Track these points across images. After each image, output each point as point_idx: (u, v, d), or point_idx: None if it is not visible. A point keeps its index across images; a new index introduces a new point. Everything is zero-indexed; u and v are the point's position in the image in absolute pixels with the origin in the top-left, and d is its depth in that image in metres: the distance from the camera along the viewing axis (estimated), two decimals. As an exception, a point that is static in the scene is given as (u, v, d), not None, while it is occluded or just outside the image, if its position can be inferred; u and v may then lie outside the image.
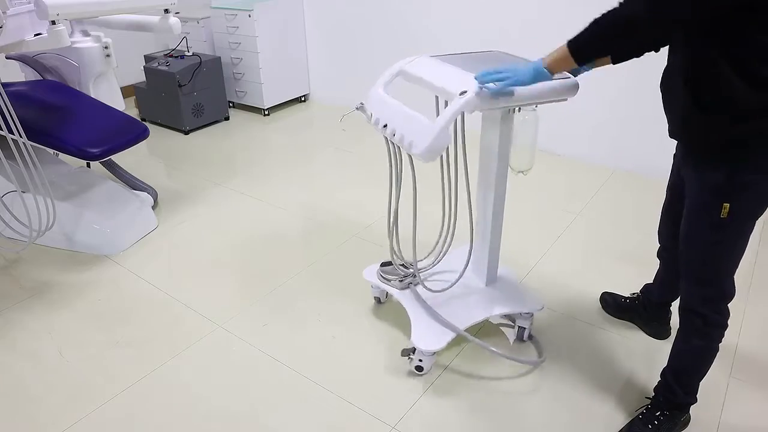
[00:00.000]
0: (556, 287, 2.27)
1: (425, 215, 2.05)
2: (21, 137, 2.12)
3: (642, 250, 2.46)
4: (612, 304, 2.11)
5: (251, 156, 3.63)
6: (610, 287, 2.19)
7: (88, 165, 3.04)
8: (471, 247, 1.93)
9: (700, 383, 1.59)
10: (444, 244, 1.97)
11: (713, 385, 1.77)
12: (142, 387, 1.83)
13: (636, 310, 2.04)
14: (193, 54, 4.05)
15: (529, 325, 1.98)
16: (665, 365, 1.62)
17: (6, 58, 2.79)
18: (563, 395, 1.77)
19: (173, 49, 4.15)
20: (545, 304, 2.16)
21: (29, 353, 1.98)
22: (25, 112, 2.40)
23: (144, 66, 4.03)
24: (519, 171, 1.84)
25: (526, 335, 1.99)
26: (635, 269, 2.33)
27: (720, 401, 1.74)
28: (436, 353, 1.83)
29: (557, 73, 1.42)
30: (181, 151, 3.71)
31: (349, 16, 4.06)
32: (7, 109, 2.05)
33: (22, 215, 2.39)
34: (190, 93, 3.92)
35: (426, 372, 1.85)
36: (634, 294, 2.07)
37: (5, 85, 2.30)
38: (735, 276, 1.45)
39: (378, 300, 2.20)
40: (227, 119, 4.26)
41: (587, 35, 1.31)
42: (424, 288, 1.92)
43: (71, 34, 2.69)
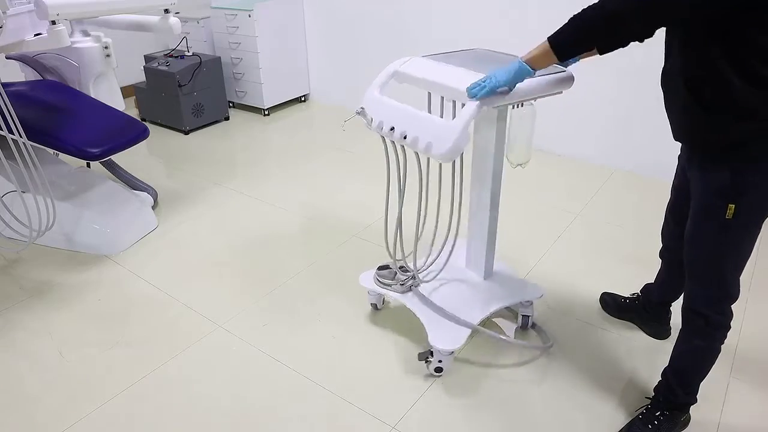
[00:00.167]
0: (555, 287, 2.27)
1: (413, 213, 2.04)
2: (21, 137, 2.12)
3: (642, 250, 2.46)
4: (612, 304, 2.11)
5: (251, 156, 3.63)
6: (609, 287, 2.19)
7: (88, 165, 3.04)
8: (455, 239, 1.92)
9: (700, 383, 1.59)
10: (441, 241, 1.97)
11: (713, 385, 1.77)
12: (142, 387, 1.83)
13: (636, 310, 2.04)
14: (193, 54, 4.05)
15: (532, 313, 2.01)
16: (666, 365, 1.62)
17: (6, 58, 2.79)
18: (563, 395, 1.77)
19: (173, 49, 4.15)
20: (545, 305, 2.16)
21: (29, 353, 1.98)
22: (25, 112, 2.40)
23: (144, 66, 4.04)
24: (518, 164, 1.85)
25: (530, 323, 2.03)
26: (635, 269, 2.33)
27: (720, 401, 1.74)
28: (453, 352, 1.81)
29: (542, 68, 1.41)
30: (181, 151, 3.71)
31: (349, 16, 4.06)
32: (7, 109, 2.05)
33: (22, 215, 2.39)
34: (190, 93, 3.92)
35: (445, 372, 1.84)
36: (634, 294, 2.07)
37: (5, 85, 2.30)
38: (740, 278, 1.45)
39: (375, 306, 2.14)
40: (227, 119, 4.26)
41: (568, 31, 1.30)
42: (421, 289, 1.91)
43: (71, 34, 2.69)
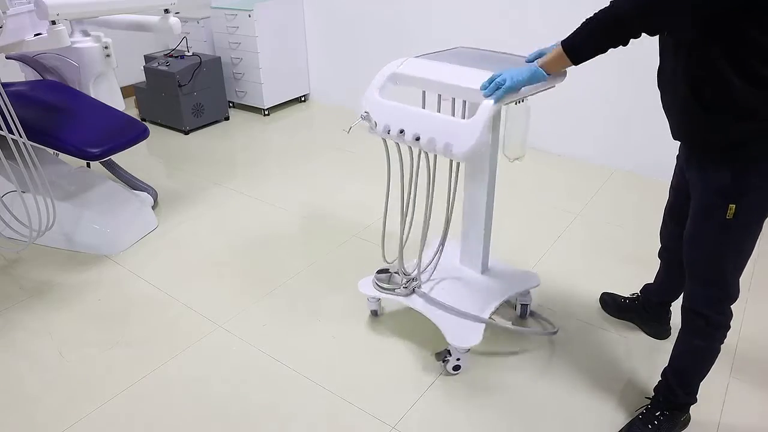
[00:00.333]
0: (555, 287, 2.27)
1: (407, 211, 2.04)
2: (21, 137, 2.12)
3: (642, 250, 2.46)
4: (611, 304, 2.11)
5: (251, 156, 3.63)
6: (609, 287, 2.19)
7: (88, 165, 3.04)
8: (444, 235, 1.93)
9: (700, 383, 1.59)
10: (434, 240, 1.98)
11: (713, 385, 1.77)
12: (142, 387, 1.83)
13: (636, 310, 2.04)
14: (193, 54, 4.05)
15: (530, 301, 2.07)
16: (666, 365, 1.62)
17: (6, 58, 2.79)
18: (563, 395, 1.77)
19: (173, 49, 4.15)
20: (545, 304, 2.16)
21: (29, 353, 1.98)
22: (25, 112, 2.40)
23: (144, 66, 4.04)
24: (515, 158, 1.85)
25: (528, 312, 2.08)
26: (635, 269, 2.33)
27: (720, 401, 1.74)
28: (470, 349, 1.82)
29: (556, 72, 1.44)
30: (181, 151, 3.71)
31: (349, 16, 4.06)
32: (7, 109, 2.05)
33: (22, 215, 2.39)
34: (190, 93, 3.92)
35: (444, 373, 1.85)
36: (633, 294, 2.07)
37: (5, 85, 2.30)
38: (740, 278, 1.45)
39: (374, 313, 2.12)
40: (227, 119, 4.26)
41: (581, 35, 1.32)
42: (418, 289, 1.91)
43: (71, 34, 2.69)
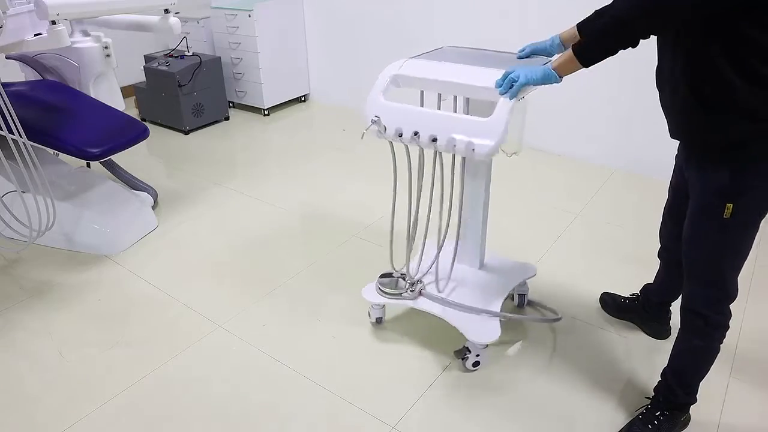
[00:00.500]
0: (555, 287, 2.27)
1: (404, 209, 2.03)
2: (21, 137, 2.12)
3: (642, 250, 2.46)
4: (611, 304, 2.11)
5: (251, 156, 3.63)
6: (609, 287, 2.19)
7: (88, 165, 3.04)
8: (445, 235, 1.91)
9: (700, 383, 1.59)
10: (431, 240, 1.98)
11: (713, 385, 1.77)
12: (141, 387, 1.83)
13: (635, 310, 2.04)
14: (193, 54, 4.05)
15: (527, 291, 2.13)
16: (665, 365, 1.62)
17: (6, 58, 2.79)
18: (563, 395, 1.77)
19: (173, 49, 4.15)
20: (543, 303, 2.17)
21: (29, 353, 1.98)
22: (25, 112, 2.40)
23: (144, 66, 4.04)
24: (512, 153, 1.85)
25: (525, 302, 2.14)
26: (635, 269, 2.33)
27: (720, 401, 1.74)
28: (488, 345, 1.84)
29: (567, 75, 1.43)
30: (181, 151, 3.71)
31: (349, 16, 4.06)
32: (7, 109, 2.05)
33: (22, 215, 2.39)
34: (190, 93, 3.92)
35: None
36: (633, 294, 2.07)
37: (5, 85, 2.30)
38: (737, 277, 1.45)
39: (379, 321, 2.06)
40: (227, 119, 4.26)
41: (588, 38, 1.33)
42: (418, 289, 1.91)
43: (71, 34, 2.69)
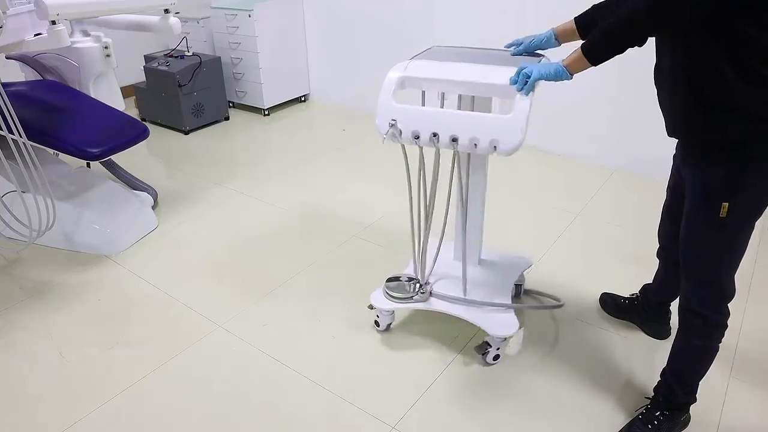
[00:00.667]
0: (555, 287, 2.27)
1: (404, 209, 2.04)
2: (21, 137, 2.12)
3: (642, 250, 2.46)
4: (611, 304, 2.11)
5: (251, 156, 3.63)
6: (609, 287, 2.19)
7: (88, 165, 3.04)
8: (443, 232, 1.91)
9: (699, 383, 1.59)
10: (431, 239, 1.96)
11: (713, 385, 1.77)
12: (142, 387, 1.83)
13: (635, 310, 2.04)
14: (193, 54, 4.05)
15: (523, 281, 2.15)
16: (665, 365, 1.62)
17: (6, 58, 2.79)
18: (563, 395, 1.77)
19: (173, 49, 4.15)
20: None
21: (29, 353, 1.98)
22: (25, 112, 2.40)
23: (144, 66, 4.04)
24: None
25: (522, 291, 2.18)
26: (635, 269, 2.33)
27: (720, 401, 1.74)
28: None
29: (576, 72, 1.43)
30: (181, 151, 3.71)
31: (349, 16, 4.06)
32: (7, 109, 2.05)
33: (22, 215, 2.39)
34: (190, 93, 3.92)
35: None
36: (633, 294, 2.07)
37: (5, 85, 2.30)
38: (735, 276, 1.45)
39: (388, 327, 2.03)
40: (227, 119, 4.26)
41: (597, 39, 1.34)
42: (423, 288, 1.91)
43: (71, 34, 2.69)
